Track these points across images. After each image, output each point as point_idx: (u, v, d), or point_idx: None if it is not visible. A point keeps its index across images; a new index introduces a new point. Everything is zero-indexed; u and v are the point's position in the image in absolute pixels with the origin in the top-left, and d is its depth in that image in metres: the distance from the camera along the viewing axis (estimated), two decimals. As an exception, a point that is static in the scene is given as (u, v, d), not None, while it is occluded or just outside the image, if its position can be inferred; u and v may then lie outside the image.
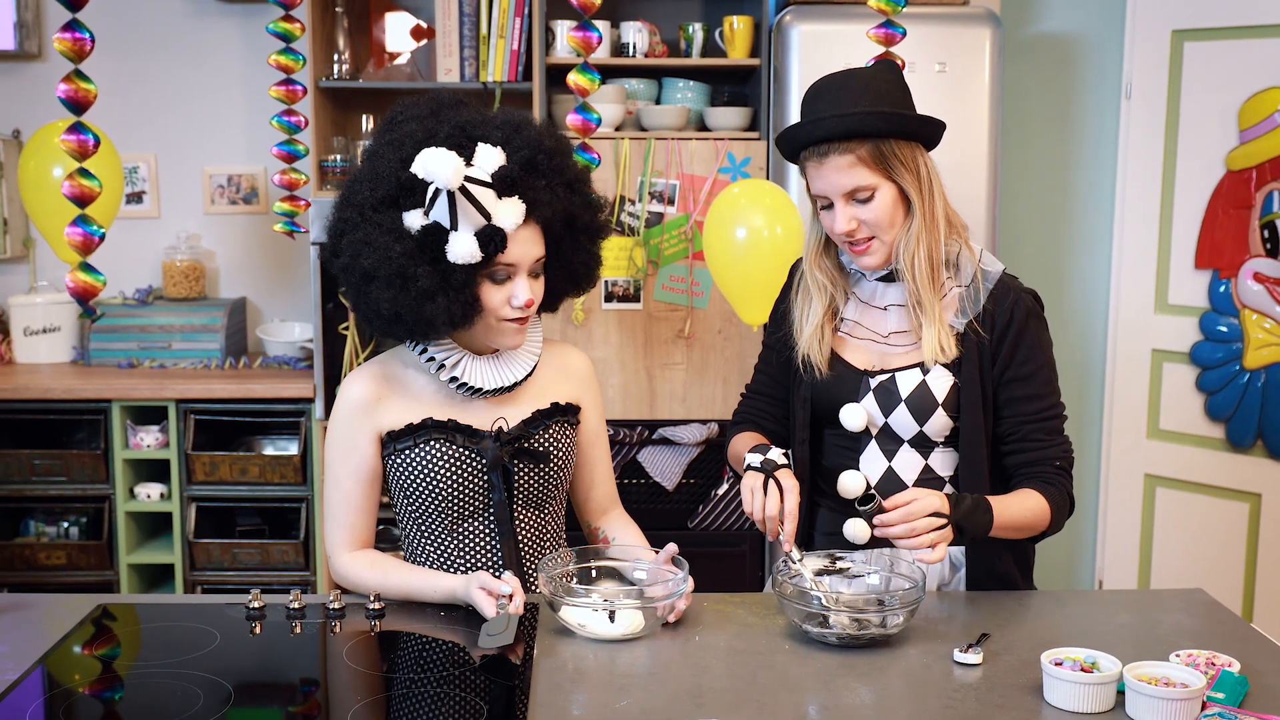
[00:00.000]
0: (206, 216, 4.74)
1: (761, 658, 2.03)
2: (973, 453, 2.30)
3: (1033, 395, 2.30)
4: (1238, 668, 1.92)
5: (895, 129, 2.22)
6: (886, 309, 2.35)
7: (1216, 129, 4.16)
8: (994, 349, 2.29)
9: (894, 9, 2.74)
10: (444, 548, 2.35)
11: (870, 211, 2.23)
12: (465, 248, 2.14)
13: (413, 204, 2.17)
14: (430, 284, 2.14)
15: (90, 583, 4.20)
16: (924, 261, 2.26)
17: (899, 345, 2.33)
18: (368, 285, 2.16)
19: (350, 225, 2.19)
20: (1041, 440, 2.31)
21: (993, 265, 2.34)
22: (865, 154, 2.21)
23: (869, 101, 2.21)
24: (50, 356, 4.55)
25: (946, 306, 2.29)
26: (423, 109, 2.27)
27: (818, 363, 2.35)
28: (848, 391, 2.33)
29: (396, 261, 2.14)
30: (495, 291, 2.21)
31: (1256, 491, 4.16)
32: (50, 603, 2.31)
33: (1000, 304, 2.29)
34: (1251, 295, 4.08)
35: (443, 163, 2.11)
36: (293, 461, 4.22)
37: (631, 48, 4.29)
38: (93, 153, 2.17)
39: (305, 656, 2.13)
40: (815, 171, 2.25)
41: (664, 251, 4.08)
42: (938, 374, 2.29)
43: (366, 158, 2.25)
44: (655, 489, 4.13)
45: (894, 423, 2.30)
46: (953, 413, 2.30)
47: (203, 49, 4.65)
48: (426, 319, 2.16)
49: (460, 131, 2.21)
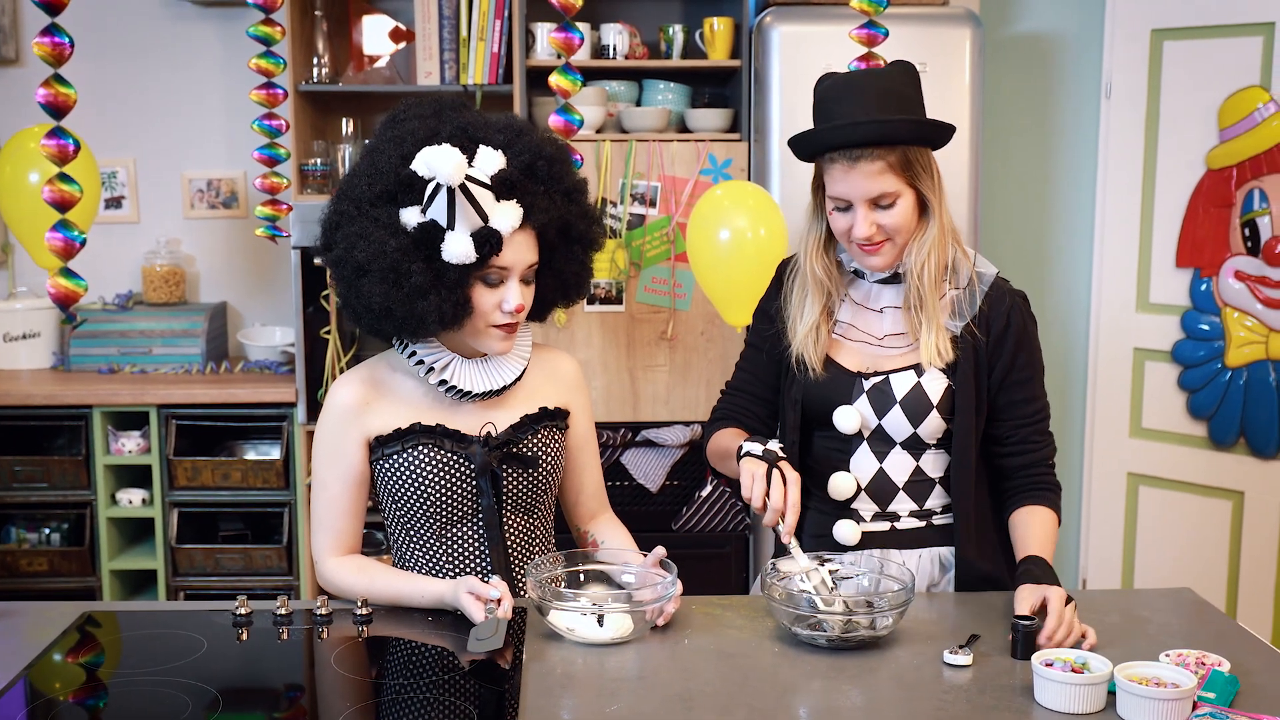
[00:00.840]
0: (186, 221, 4.71)
1: (751, 660, 2.03)
2: (964, 454, 2.31)
3: (1029, 398, 2.34)
4: (1228, 667, 1.92)
5: (922, 136, 2.23)
6: (882, 311, 2.34)
7: (1197, 128, 4.18)
8: (990, 352, 2.29)
9: (875, 9, 2.73)
10: (432, 553, 2.33)
11: (891, 217, 2.22)
12: (460, 247, 2.14)
13: (410, 201, 2.17)
14: (423, 281, 2.14)
15: (72, 589, 4.18)
16: (934, 266, 2.26)
17: (893, 348, 2.33)
18: (360, 279, 2.16)
19: (346, 218, 2.19)
20: (1037, 442, 2.35)
21: (987, 268, 2.35)
22: (894, 161, 2.20)
23: (895, 106, 2.20)
24: (30, 362, 4.52)
25: (942, 309, 2.30)
26: (426, 109, 2.27)
27: (812, 363, 2.34)
28: (840, 394, 2.33)
29: (390, 256, 2.13)
30: (487, 295, 2.21)
31: (1239, 489, 4.17)
32: (35, 610, 2.29)
33: (996, 307, 2.30)
34: (1233, 293, 4.09)
35: (446, 158, 2.11)
36: (275, 466, 4.20)
37: (612, 50, 4.28)
38: (73, 158, 2.15)
39: (292, 663, 2.12)
40: (841, 175, 2.22)
41: (646, 253, 4.07)
42: (932, 376, 2.29)
43: (367, 153, 2.25)
44: (639, 491, 4.13)
45: (887, 425, 2.30)
46: (946, 415, 2.30)
47: (182, 53, 4.62)
48: (417, 316, 2.16)
49: (462, 132, 2.22)
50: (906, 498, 2.34)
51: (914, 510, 2.34)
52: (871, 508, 2.34)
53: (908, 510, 2.34)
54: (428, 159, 2.13)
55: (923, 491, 2.35)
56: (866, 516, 2.35)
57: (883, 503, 2.34)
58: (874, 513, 2.34)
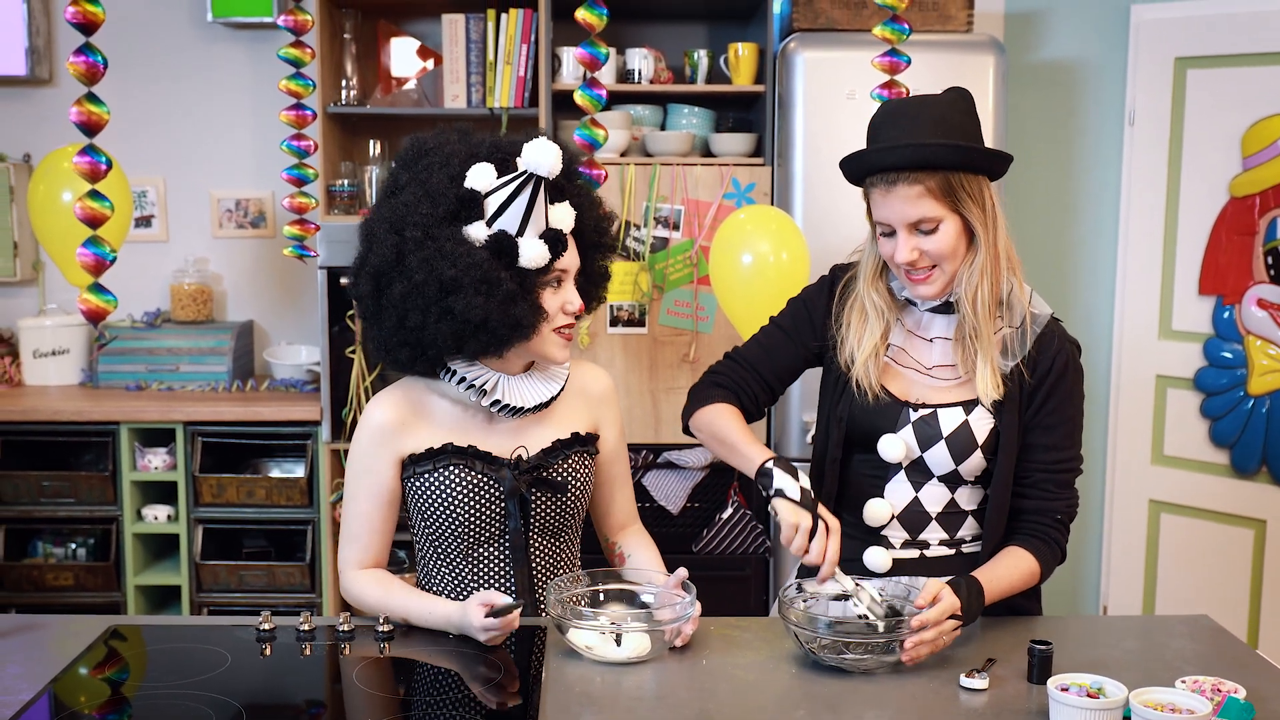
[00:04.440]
0: (214, 240, 4.76)
1: (768, 682, 2.04)
2: (1002, 492, 2.29)
3: (1052, 445, 2.29)
4: (1244, 694, 1.92)
5: (966, 162, 2.19)
6: (932, 341, 2.32)
7: (1220, 155, 4.18)
8: (1030, 394, 2.27)
9: (898, 37, 2.76)
10: (458, 572, 2.36)
11: (933, 243, 2.19)
12: (535, 251, 2.19)
13: (472, 217, 2.20)
14: (512, 288, 2.18)
15: (98, 604, 4.21)
16: (987, 295, 2.23)
17: (942, 380, 2.31)
18: (448, 298, 2.16)
19: (414, 244, 2.18)
20: (1050, 492, 2.30)
21: (1041, 308, 2.31)
22: (934, 185, 2.17)
23: (942, 132, 2.18)
24: (59, 379, 4.57)
25: (994, 345, 2.26)
26: (447, 135, 2.31)
27: (872, 389, 2.30)
28: (887, 421, 2.30)
29: (482, 267, 2.16)
30: (551, 298, 2.26)
31: (1261, 518, 4.16)
32: (60, 624, 2.31)
33: (1045, 351, 2.27)
34: (1255, 321, 4.09)
35: (546, 151, 2.15)
36: (299, 484, 4.23)
37: (637, 74, 4.31)
38: (104, 175, 2.18)
39: (314, 678, 2.14)
40: (881, 199, 2.21)
41: (669, 276, 4.09)
42: (979, 415, 2.27)
43: (406, 184, 2.25)
44: (660, 513, 4.14)
45: (929, 458, 2.28)
46: (989, 455, 2.28)
47: (212, 74, 4.68)
48: (513, 323, 2.19)
49: (496, 148, 2.26)
50: (938, 528, 2.32)
51: (944, 540, 2.33)
52: (902, 535, 2.33)
53: (938, 539, 2.33)
54: (530, 155, 2.15)
55: (955, 523, 2.33)
56: (896, 544, 2.33)
57: (914, 531, 2.33)
58: (904, 540, 2.33)
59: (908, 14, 3.01)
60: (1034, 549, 2.28)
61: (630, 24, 4.55)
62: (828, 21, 4.10)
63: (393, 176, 2.31)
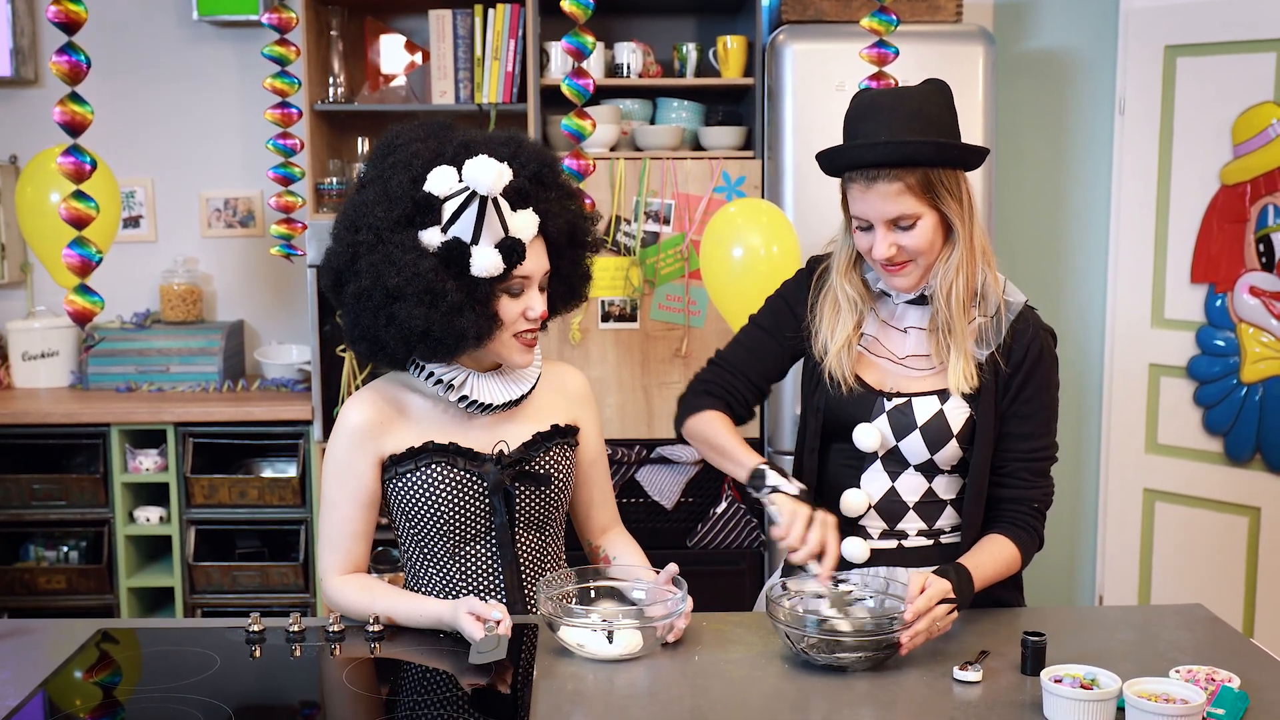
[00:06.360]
0: (203, 240, 4.74)
1: (761, 678, 2.03)
2: (979, 481, 2.29)
3: (1027, 434, 2.29)
4: (1238, 683, 1.92)
5: (946, 158, 2.19)
6: (906, 331, 2.32)
7: (1211, 143, 4.18)
8: (1006, 383, 2.27)
9: (887, 28, 2.75)
10: (446, 571, 2.35)
11: (911, 238, 2.19)
12: (488, 260, 2.16)
13: (428, 222, 2.18)
14: (458, 298, 2.16)
15: (90, 607, 4.20)
16: (961, 289, 2.23)
17: (915, 369, 2.31)
18: (393, 305, 2.15)
19: (366, 247, 2.18)
20: (1026, 480, 2.30)
21: (1015, 296, 2.31)
22: (914, 182, 2.16)
23: (921, 127, 2.17)
24: (49, 381, 4.55)
25: (968, 335, 2.26)
26: (418, 132, 2.28)
27: (845, 380, 2.30)
28: (862, 410, 2.30)
29: (425, 277, 2.14)
30: (510, 305, 2.24)
31: (1256, 505, 4.16)
32: (51, 628, 2.31)
33: (1019, 339, 2.27)
34: (1248, 309, 4.09)
35: (486, 169, 2.12)
36: (291, 484, 4.22)
37: (626, 68, 4.30)
38: (89, 176, 2.17)
39: (305, 679, 2.13)
40: (860, 194, 2.20)
41: (660, 271, 4.08)
42: (955, 404, 2.26)
43: (371, 181, 2.26)
44: (654, 508, 4.13)
45: (905, 447, 2.28)
46: (965, 444, 2.27)
47: (198, 73, 4.66)
48: (457, 334, 2.17)
49: (465, 149, 2.23)
50: (916, 517, 2.32)
51: (922, 530, 2.33)
52: (880, 525, 2.33)
53: (916, 529, 2.32)
54: (470, 172, 2.13)
55: (933, 512, 2.33)
56: (874, 534, 2.33)
57: (891, 521, 2.32)
58: (881, 530, 2.33)
59: (896, 5, 3.00)
60: (1014, 536, 2.28)
61: (618, 18, 4.53)
62: (816, 13, 4.09)
63: (364, 171, 2.31)
